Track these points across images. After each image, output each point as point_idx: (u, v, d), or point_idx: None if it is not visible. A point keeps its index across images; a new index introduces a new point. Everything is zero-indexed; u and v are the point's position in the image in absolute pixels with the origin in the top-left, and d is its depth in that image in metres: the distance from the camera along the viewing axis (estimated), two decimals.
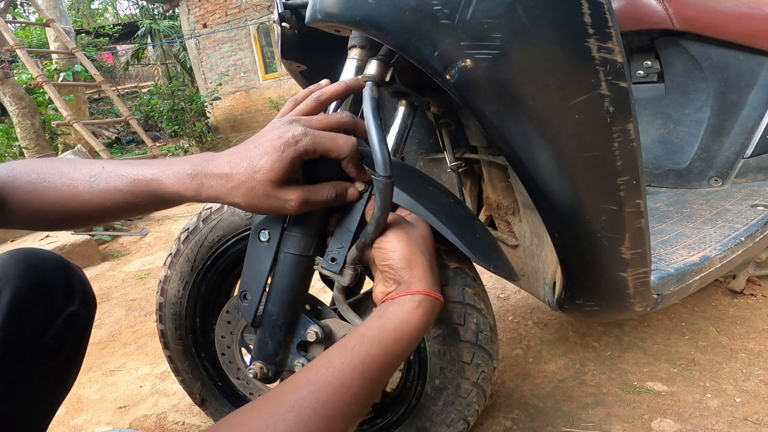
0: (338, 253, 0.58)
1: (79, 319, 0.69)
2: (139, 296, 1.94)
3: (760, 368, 0.99)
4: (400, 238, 0.55)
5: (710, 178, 1.17)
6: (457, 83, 0.47)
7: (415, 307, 0.52)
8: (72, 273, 0.69)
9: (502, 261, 0.65)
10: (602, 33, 0.42)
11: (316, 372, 0.45)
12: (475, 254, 0.61)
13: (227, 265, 0.80)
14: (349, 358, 0.46)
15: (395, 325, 0.50)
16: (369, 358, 0.46)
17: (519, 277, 0.68)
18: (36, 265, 0.64)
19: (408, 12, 0.46)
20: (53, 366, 0.67)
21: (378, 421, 0.80)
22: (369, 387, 0.46)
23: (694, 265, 0.78)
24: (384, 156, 0.51)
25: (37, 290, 0.62)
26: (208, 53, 8.89)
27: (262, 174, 0.47)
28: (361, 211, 0.57)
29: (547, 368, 1.08)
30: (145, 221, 3.41)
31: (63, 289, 0.66)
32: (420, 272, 0.54)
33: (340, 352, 0.46)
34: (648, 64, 1.22)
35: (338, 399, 0.43)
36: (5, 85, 4.47)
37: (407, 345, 0.50)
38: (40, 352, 0.64)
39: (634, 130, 0.48)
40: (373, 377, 0.47)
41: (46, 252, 0.67)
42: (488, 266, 0.62)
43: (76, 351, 0.73)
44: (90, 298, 0.72)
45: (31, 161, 0.55)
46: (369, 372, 0.46)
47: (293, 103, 0.56)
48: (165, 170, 0.50)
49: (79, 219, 0.55)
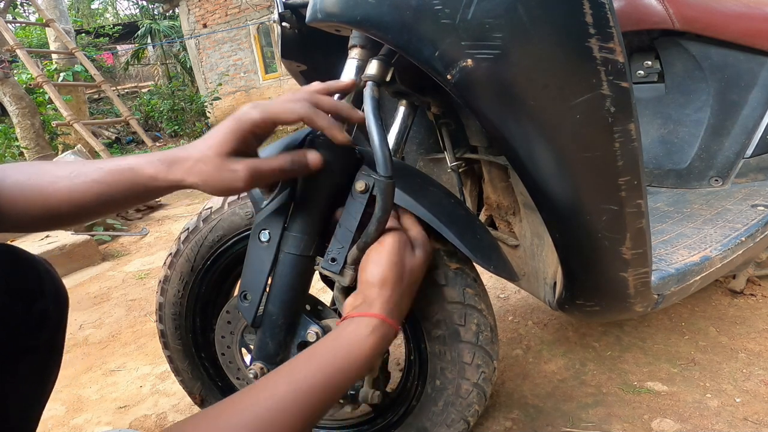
0: (338, 253, 0.58)
1: (51, 314, 0.69)
2: (139, 296, 1.94)
3: (760, 368, 0.99)
4: (389, 256, 0.55)
5: (710, 178, 1.17)
6: (458, 83, 0.47)
7: (369, 333, 0.52)
8: (41, 269, 0.68)
9: (502, 262, 0.65)
10: (604, 33, 0.42)
11: (259, 395, 0.45)
12: (476, 255, 0.61)
13: (227, 265, 0.80)
14: (294, 385, 0.46)
15: (347, 351, 0.50)
16: (315, 387, 0.47)
17: (519, 277, 0.68)
18: (10, 261, 0.63)
19: (409, 12, 0.46)
20: (32, 364, 0.67)
21: (378, 421, 0.80)
22: (312, 414, 0.47)
23: (695, 265, 0.78)
24: (385, 156, 0.51)
25: (13, 287, 0.62)
26: (208, 53, 8.88)
27: (213, 148, 0.49)
28: (362, 211, 0.57)
29: (547, 368, 1.08)
30: (145, 221, 3.41)
31: (35, 285, 0.66)
32: (387, 295, 0.54)
33: (287, 378, 0.47)
34: (648, 64, 1.22)
35: (279, 426, 0.44)
36: (5, 85, 4.47)
37: (356, 372, 0.51)
38: (17, 349, 0.64)
39: (635, 130, 0.48)
40: (318, 405, 0.47)
41: (18, 249, 0.66)
42: (488, 267, 0.62)
43: (53, 348, 0.73)
44: (61, 295, 0.71)
45: (18, 164, 0.56)
46: (313, 400, 0.47)
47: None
48: (140, 159, 0.52)
49: (61, 216, 0.55)
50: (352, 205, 0.58)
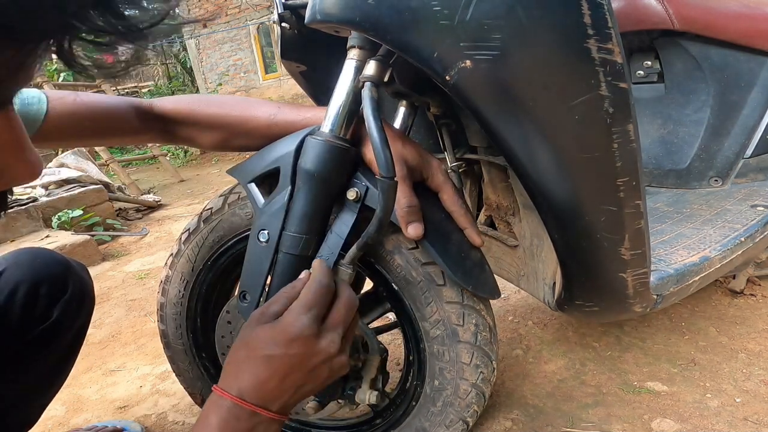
0: (327, 258, 0.59)
1: (72, 313, 0.72)
2: (139, 296, 1.94)
3: (760, 368, 0.99)
4: (244, 328, 0.50)
5: (710, 179, 1.17)
6: (456, 84, 0.47)
7: (214, 411, 0.45)
8: (70, 271, 0.72)
9: (483, 280, 0.65)
10: (602, 33, 0.42)
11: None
12: (456, 274, 0.62)
13: (228, 265, 0.80)
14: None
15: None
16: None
17: (500, 294, 0.68)
18: (43, 263, 0.70)
19: (407, 13, 0.46)
20: (48, 359, 0.71)
21: (377, 422, 0.81)
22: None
23: (694, 265, 0.78)
24: (386, 157, 0.51)
25: (39, 284, 0.68)
26: (208, 53, 8.88)
27: None
28: (353, 219, 0.58)
29: (547, 368, 1.08)
30: (145, 221, 3.41)
31: (60, 285, 0.71)
32: (231, 369, 0.48)
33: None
34: (648, 64, 1.22)
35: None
36: None
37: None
38: (35, 341, 0.69)
39: (633, 131, 0.48)
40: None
41: (48, 251, 0.71)
42: (467, 286, 0.63)
43: (71, 345, 0.76)
44: (87, 297, 0.75)
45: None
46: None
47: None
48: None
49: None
50: (343, 212, 0.59)
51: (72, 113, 0.61)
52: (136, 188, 4.35)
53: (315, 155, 0.58)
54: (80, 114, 0.62)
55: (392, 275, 0.67)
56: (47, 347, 0.71)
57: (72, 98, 0.62)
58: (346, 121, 0.60)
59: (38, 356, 0.70)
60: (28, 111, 0.58)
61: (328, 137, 0.59)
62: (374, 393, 0.70)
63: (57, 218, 2.78)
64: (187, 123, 0.69)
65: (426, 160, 0.63)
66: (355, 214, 0.59)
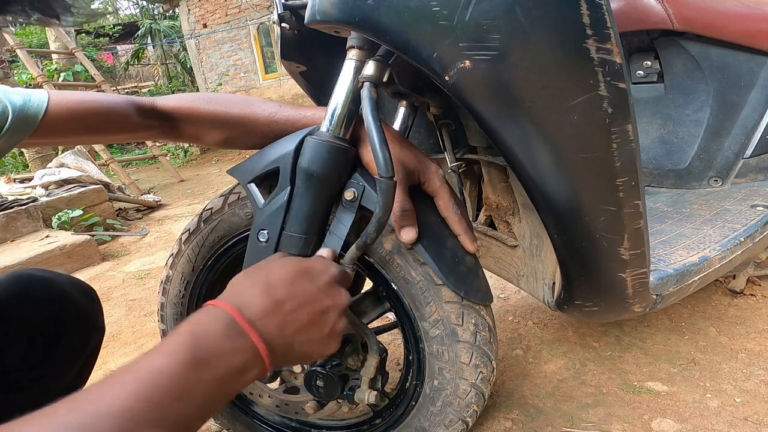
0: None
1: (75, 352, 0.72)
2: (139, 296, 1.94)
3: (760, 368, 0.99)
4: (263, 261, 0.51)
5: (710, 179, 1.17)
6: (456, 84, 0.47)
7: (191, 319, 0.40)
8: (66, 306, 0.69)
9: (476, 285, 0.65)
10: (601, 34, 0.42)
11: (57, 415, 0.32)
12: (449, 279, 0.62)
13: (228, 265, 0.80)
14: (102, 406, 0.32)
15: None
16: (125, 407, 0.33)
17: (492, 299, 0.68)
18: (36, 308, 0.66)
19: (407, 13, 0.46)
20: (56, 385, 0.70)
21: (377, 421, 0.81)
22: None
23: (694, 265, 0.78)
24: (385, 156, 0.51)
25: (33, 338, 0.65)
26: (208, 53, 8.88)
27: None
28: (351, 219, 0.58)
29: (547, 368, 1.08)
30: (145, 221, 3.41)
31: (59, 326, 0.69)
32: (236, 287, 0.45)
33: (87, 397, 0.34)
34: (648, 64, 1.22)
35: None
36: (5, 84, 4.48)
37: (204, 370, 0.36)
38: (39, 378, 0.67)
39: (632, 131, 0.48)
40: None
41: (40, 281, 0.68)
42: (459, 291, 0.63)
43: (79, 371, 0.77)
44: (90, 324, 0.75)
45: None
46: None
47: None
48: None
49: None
50: (341, 213, 0.59)
51: (72, 110, 0.62)
52: (136, 188, 4.35)
53: (314, 155, 0.58)
54: (80, 110, 0.63)
55: (392, 275, 0.67)
56: (54, 381, 0.69)
57: (72, 96, 0.63)
58: (346, 121, 0.60)
59: (44, 388, 0.68)
60: (29, 108, 0.59)
61: (328, 137, 0.59)
62: (374, 393, 0.70)
63: (57, 218, 2.78)
64: (191, 120, 0.69)
65: (423, 164, 0.63)
66: (353, 215, 0.59)
